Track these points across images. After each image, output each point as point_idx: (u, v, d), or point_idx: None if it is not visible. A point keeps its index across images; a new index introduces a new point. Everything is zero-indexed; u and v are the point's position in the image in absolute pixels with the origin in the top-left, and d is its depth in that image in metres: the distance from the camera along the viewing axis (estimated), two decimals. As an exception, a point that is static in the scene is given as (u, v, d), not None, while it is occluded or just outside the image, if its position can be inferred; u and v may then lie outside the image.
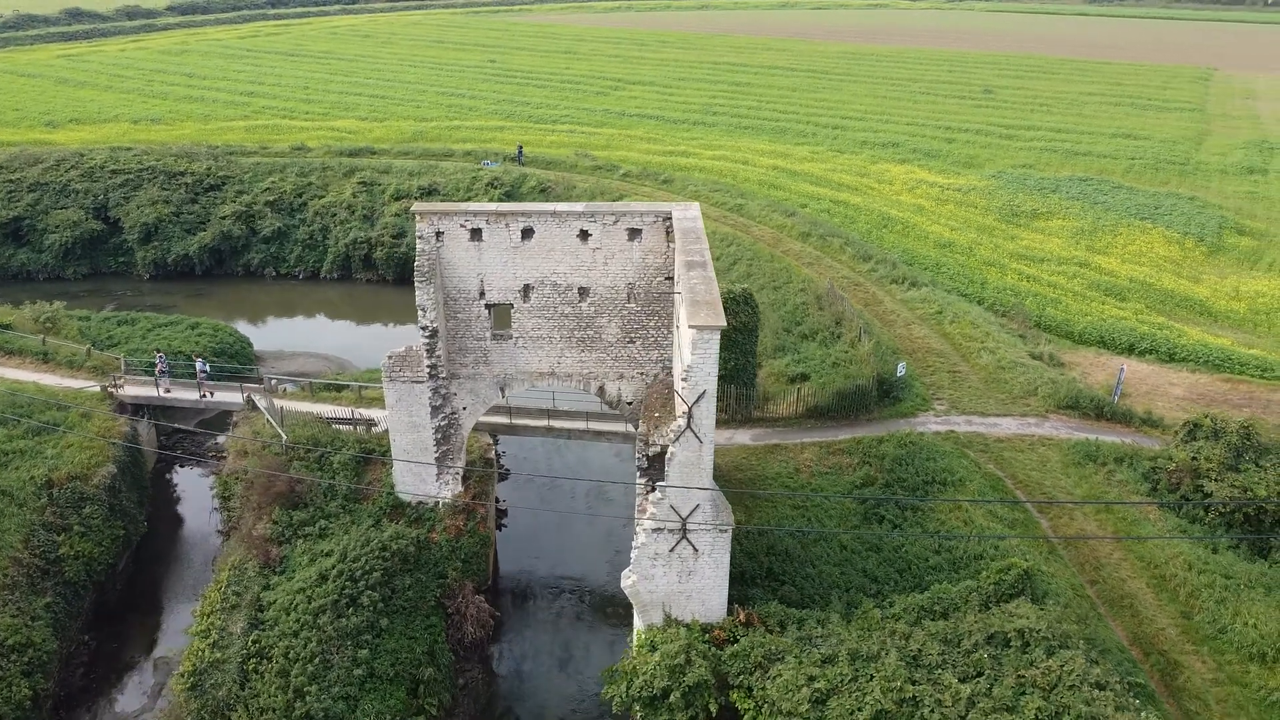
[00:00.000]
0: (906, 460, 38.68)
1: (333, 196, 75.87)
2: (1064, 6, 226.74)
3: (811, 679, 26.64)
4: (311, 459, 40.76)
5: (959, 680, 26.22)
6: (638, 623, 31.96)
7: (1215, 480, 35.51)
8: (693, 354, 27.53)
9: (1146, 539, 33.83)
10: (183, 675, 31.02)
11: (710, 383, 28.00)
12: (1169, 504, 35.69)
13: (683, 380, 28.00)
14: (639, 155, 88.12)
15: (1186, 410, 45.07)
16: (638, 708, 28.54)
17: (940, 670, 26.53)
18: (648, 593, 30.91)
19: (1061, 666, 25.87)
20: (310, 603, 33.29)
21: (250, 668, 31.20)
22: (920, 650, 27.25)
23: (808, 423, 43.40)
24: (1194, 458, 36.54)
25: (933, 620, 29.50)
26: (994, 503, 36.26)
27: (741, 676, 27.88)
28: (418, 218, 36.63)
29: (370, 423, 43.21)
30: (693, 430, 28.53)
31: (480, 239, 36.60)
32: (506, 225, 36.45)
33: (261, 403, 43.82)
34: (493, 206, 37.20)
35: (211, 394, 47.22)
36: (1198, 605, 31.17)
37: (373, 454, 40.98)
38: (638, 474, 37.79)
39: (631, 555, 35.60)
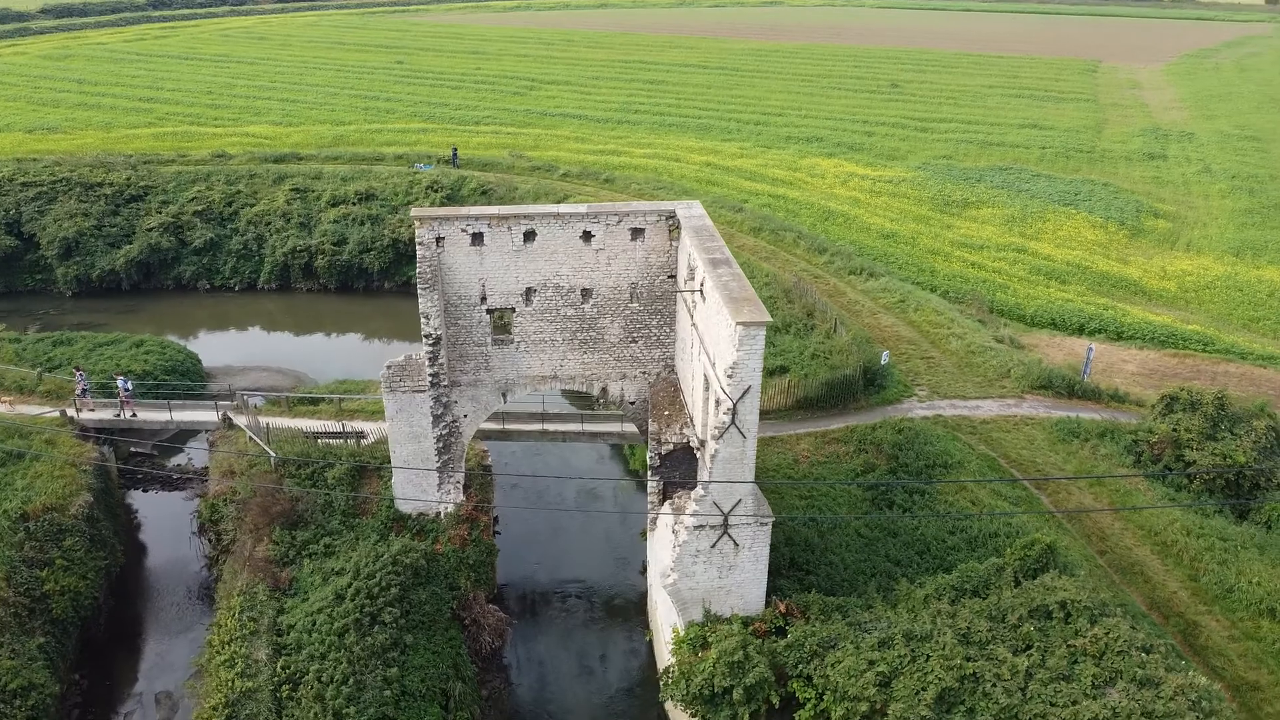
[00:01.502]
0: (905, 445, 39.79)
1: (265, 205, 73.29)
2: (950, 3, 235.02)
3: (872, 663, 27.25)
4: (303, 475, 39.52)
5: (1011, 654, 27.19)
6: (675, 620, 32.03)
7: (1196, 449, 37.66)
8: (738, 350, 27.78)
9: (1145, 509, 35.65)
10: (215, 708, 29.66)
11: (755, 378, 28.33)
12: (1159, 475, 37.67)
13: (727, 376, 28.20)
14: (569, 155, 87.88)
15: (1141, 385, 47.67)
16: (697, 706, 28.67)
17: (992, 645, 27.47)
18: (688, 590, 31.05)
19: (1107, 634, 27.10)
20: (333, 623, 32.31)
21: (284, 694, 30.08)
22: (969, 628, 28.14)
23: (798, 414, 44.16)
24: (1174, 429, 38.67)
25: (965, 599, 30.45)
26: (995, 482, 37.62)
27: (800, 666, 28.30)
28: (417, 223, 35.89)
29: (360, 435, 42.08)
30: (737, 426, 28.80)
31: (482, 243, 36.12)
32: (509, 229, 36.06)
33: (242, 420, 42.21)
34: (495, 210, 36.71)
35: (134, 414, 44.49)
36: (1202, 568, 33.07)
37: (369, 466, 39.98)
38: (649, 473, 38.08)
39: (649, 553, 35.56)
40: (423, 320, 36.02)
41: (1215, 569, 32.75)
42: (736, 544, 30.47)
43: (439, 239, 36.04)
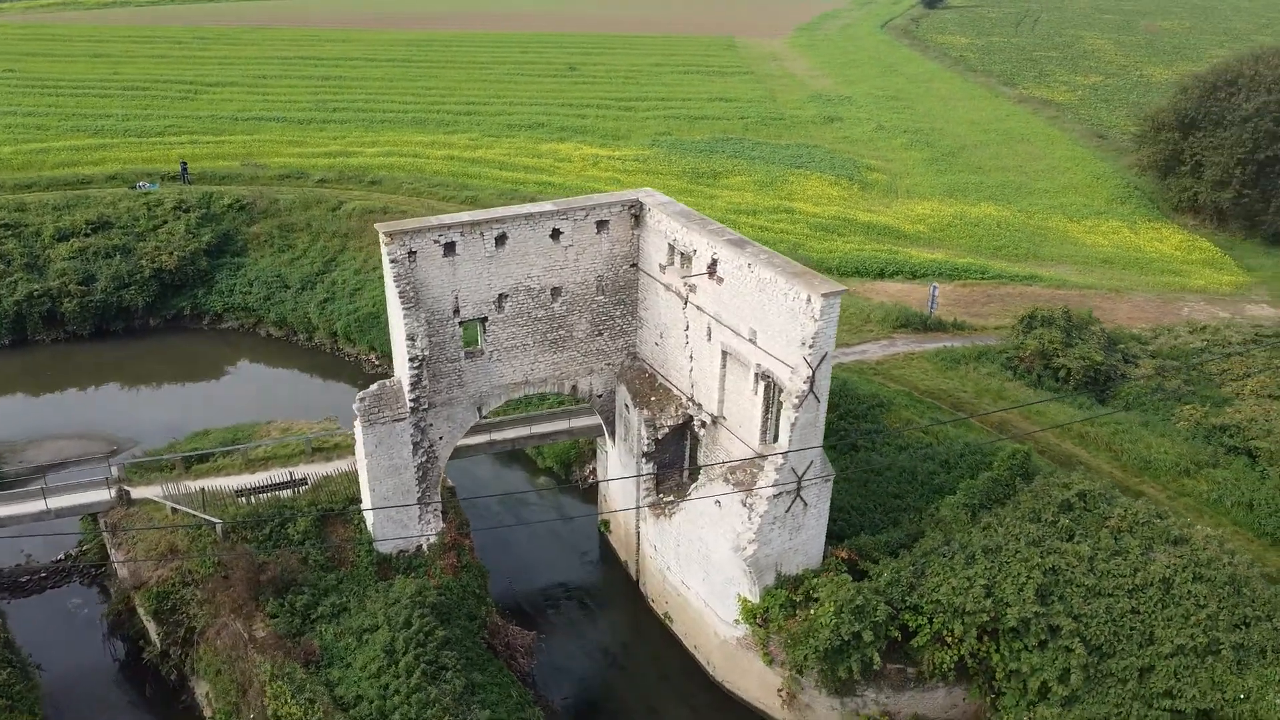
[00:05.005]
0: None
1: (-35, 248, 61.04)
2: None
3: (970, 579, 30.39)
4: (259, 537, 35.03)
5: (1066, 544, 31.61)
6: (744, 589, 33.05)
7: (1063, 356, 44.99)
8: (819, 320, 29.30)
9: (1070, 424, 41.64)
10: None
11: (831, 345, 30.02)
12: (1069, 396, 44.06)
13: (808, 347, 29.62)
14: (297, 160, 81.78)
15: (958, 313, 55.22)
16: (823, 661, 30.13)
17: (1048, 541, 31.72)
18: (764, 557, 32.20)
19: (1127, 510, 32.45)
20: (405, 681, 29.64)
21: (404, 767, 27.30)
22: (1019, 532, 32.20)
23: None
24: (1039, 342, 45.78)
25: (986, 511, 34.60)
26: (947, 423, 42.35)
27: (906, 598, 30.75)
28: (386, 239, 33.41)
29: (302, 482, 37.84)
30: (814, 393, 30.36)
31: (454, 253, 34.51)
32: (481, 234, 34.68)
33: (153, 491, 36.21)
34: (466, 216, 34.93)
35: None
36: (1119, 449, 40.00)
37: (333, 512, 36.30)
38: (642, 459, 38.43)
39: (655, 539, 35.42)
40: (407, 343, 33.55)
41: (1129, 447, 39.83)
42: (806, 504, 32.16)
43: (411, 253, 33.65)
